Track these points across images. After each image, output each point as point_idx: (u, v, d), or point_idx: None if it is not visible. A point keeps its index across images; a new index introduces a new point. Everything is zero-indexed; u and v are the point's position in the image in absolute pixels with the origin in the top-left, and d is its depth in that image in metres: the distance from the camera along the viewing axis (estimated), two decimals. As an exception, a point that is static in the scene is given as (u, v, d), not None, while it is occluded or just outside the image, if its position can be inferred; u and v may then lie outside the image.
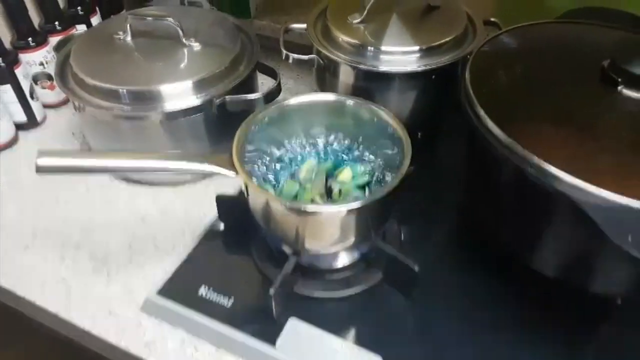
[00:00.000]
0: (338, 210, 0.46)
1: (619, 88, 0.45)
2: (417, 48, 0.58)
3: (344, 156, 0.58)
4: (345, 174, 0.55)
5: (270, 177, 0.57)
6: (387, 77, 0.59)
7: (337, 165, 0.57)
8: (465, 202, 0.59)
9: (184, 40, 0.63)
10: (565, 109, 0.44)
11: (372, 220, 0.49)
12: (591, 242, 0.41)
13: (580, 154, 0.41)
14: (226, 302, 0.51)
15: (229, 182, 0.65)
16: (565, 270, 0.45)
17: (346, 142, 0.58)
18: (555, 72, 0.49)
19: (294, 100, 0.56)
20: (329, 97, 0.57)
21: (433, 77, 0.58)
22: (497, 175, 0.47)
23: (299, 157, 0.58)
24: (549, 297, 0.50)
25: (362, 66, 0.58)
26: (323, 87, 0.66)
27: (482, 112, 0.44)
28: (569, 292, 0.47)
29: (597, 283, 0.44)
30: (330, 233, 0.48)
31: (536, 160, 0.39)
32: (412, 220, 0.58)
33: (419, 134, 0.59)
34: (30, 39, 0.73)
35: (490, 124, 0.43)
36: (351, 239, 0.49)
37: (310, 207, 0.47)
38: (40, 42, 0.74)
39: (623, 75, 0.44)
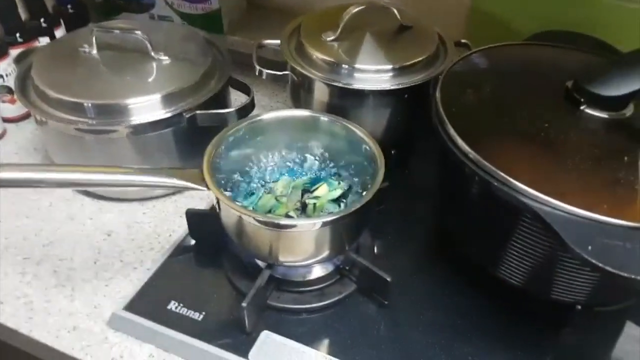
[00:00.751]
0: (312, 224, 0.47)
1: (582, 107, 0.47)
2: (390, 67, 0.59)
3: (319, 172, 0.59)
4: (322, 190, 0.56)
5: (243, 192, 0.56)
6: (360, 95, 0.60)
7: (314, 181, 0.57)
8: (436, 215, 0.61)
9: (152, 54, 0.62)
10: (531, 127, 0.46)
11: (346, 233, 0.50)
12: (554, 252, 0.43)
13: (545, 170, 0.43)
14: (197, 316, 0.50)
15: (199, 196, 0.65)
16: (530, 279, 0.47)
17: (320, 158, 0.59)
18: (522, 92, 0.51)
19: (267, 116, 0.56)
20: (303, 113, 0.57)
21: (405, 95, 0.60)
22: (466, 190, 0.48)
23: (273, 172, 0.58)
24: (515, 305, 0.51)
25: (336, 83, 0.59)
26: (297, 103, 0.66)
27: (451, 131, 0.45)
28: (534, 299, 0.49)
29: (559, 291, 0.46)
30: (304, 247, 0.48)
31: (502, 176, 0.41)
32: (385, 234, 0.59)
33: (393, 151, 0.60)
34: (-11, 50, 0.71)
35: (460, 141, 0.44)
36: (325, 252, 0.49)
37: (284, 221, 0.47)
38: (0, 55, 0.72)
39: (585, 95, 0.47)
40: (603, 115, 0.46)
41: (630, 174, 0.42)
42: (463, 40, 0.66)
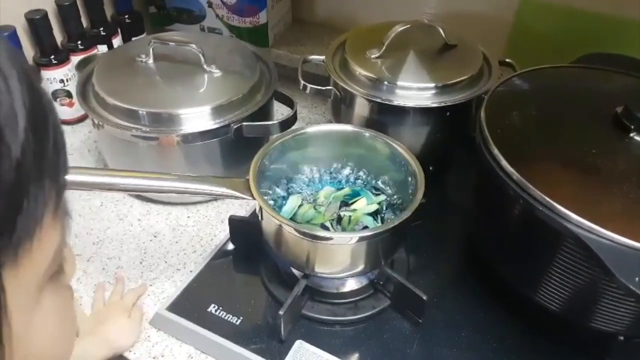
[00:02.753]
0: (349, 238, 0.48)
1: (631, 134, 0.46)
2: (432, 85, 0.60)
3: (357, 184, 0.59)
4: (360, 203, 0.57)
5: (284, 201, 0.58)
6: (401, 112, 0.60)
7: (353, 194, 0.58)
8: (473, 235, 0.60)
9: (205, 66, 0.65)
10: (578, 152, 0.46)
11: (382, 249, 0.50)
12: (597, 281, 0.42)
13: (591, 196, 0.42)
14: (235, 320, 0.52)
15: (238, 203, 0.67)
16: (570, 305, 0.46)
17: (360, 171, 0.60)
18: (568, 115, 0.50)
19: (311, 129, 0.58)
20: (345, 128, 0.59)
21: (447, 113, 0.60)
22: (508, 212, 0.48)
23: (314, 183, 0.60)
24: (552, 330, 0.51)
25: (377, 100, 0.60)
26: (338, 117, 0.67)
27: (496, 151, 0.45)
28: (573, 326, 0.48)
29: (601, 319, 0.45)
30: (341, 259, 0.49)
31: (547, 200, 0.41)
32: (421, 250, 0.60)
33: (431, 167, 0.60)
34: (52, 56, 0.75)
35: (504, 162, 0.44)
36: (361, 266, 0.50)
37: (323, 234, 0.48)
38: (62, 60, 0.76)
39: (635, 121, 0.46)
40: (653, 143, 0.46)
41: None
42: (507, 60, 0.65)
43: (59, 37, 0.79)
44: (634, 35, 0.64)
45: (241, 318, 0.52)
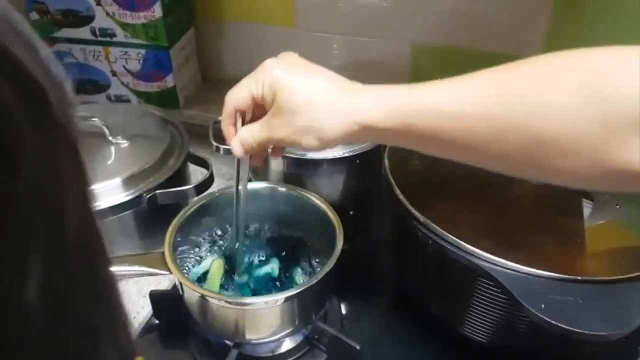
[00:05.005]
0: (275, 300, 0.47)
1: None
2: (339, 136, 0.62)
3: (277, 244, 0.59)
4: (273, 265, 0.56)
5: (202, 268, 0.56)
6: (314, 164, 0.62)
7: (267, 255, 0.58)
8: (397, 275, 0.62)
9: (110, 138, 0.63)
10: (477, 189, 0.49)
11: (311, 304, 0.50)
12: (512, 310, 0.44)
13: (494, 228, 0.46)
14: (165, 407, 0.48)
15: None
16: (495, 336, 0.48)
17: (279, 227, 0.60)
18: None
19: (225, 191, 0.57)
20: (261, 185, 0.59)
21: (357, 161, 0.63)
22: (420, 253, 0.50)
23: (233, 246, 0.59)
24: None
25: (290, 155, 0.61)
26: (256, 174, 0.68)
27: (401, 196, 0.48)
28: (502, 355, 0.50)
29: (524, 344, 0.47)
30: (270, 322, 0.48)
31: (452, 238, 0.43)
32: (352, 295, 0.60)
33: (351, 212, 0.62)
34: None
35: (409, 206, 0.47)
36: (293, 325, 0.49)
37: (248, 300, 0.47)
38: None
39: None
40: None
41: (577, 226, 0.45)
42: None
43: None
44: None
45: (171, 402, 0.49)
